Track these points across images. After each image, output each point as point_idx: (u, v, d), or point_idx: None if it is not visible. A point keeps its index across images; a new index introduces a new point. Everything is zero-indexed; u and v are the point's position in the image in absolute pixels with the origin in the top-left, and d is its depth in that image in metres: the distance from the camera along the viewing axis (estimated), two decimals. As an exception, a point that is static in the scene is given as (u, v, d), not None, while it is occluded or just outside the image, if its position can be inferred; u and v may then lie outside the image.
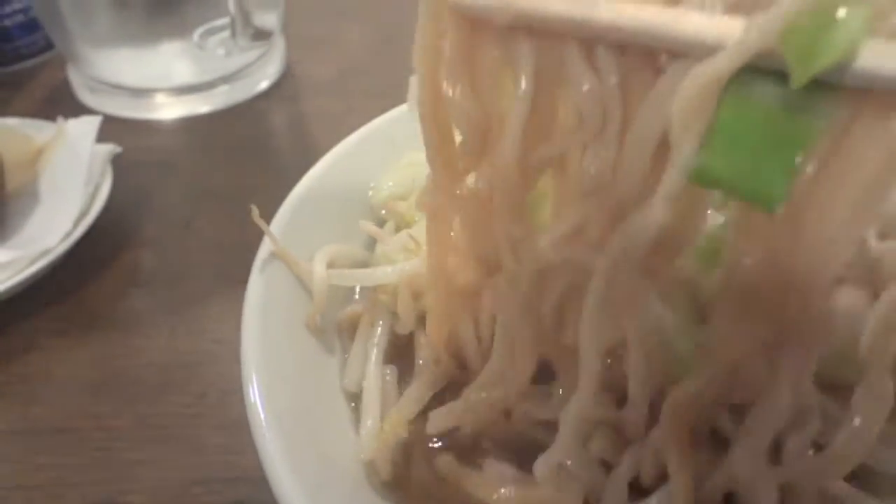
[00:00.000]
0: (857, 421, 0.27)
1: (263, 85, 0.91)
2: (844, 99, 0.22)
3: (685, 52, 0.24)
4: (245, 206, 0.73)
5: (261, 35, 0.80)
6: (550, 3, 0.27)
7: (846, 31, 0.21)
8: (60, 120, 0.72)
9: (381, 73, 0.93)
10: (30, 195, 0.68)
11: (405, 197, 0.49)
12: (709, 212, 0.32)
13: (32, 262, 0.61)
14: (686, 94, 0.23)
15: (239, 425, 0.37)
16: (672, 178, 0.24)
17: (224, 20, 0.79)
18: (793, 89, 0.22)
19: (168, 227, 0.71)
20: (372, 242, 0.49)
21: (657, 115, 0.25)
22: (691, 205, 0.27)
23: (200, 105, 0.86)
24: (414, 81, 0.32)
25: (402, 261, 0.42)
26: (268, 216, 0.49)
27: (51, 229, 0.63)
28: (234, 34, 0.77)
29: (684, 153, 0.24)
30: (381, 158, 0.52)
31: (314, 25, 1.05)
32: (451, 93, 0.30)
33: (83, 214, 0.65)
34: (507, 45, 0.28)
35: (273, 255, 0.43)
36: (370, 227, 0.48)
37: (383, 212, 0.51)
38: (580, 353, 0.30)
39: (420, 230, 0.41)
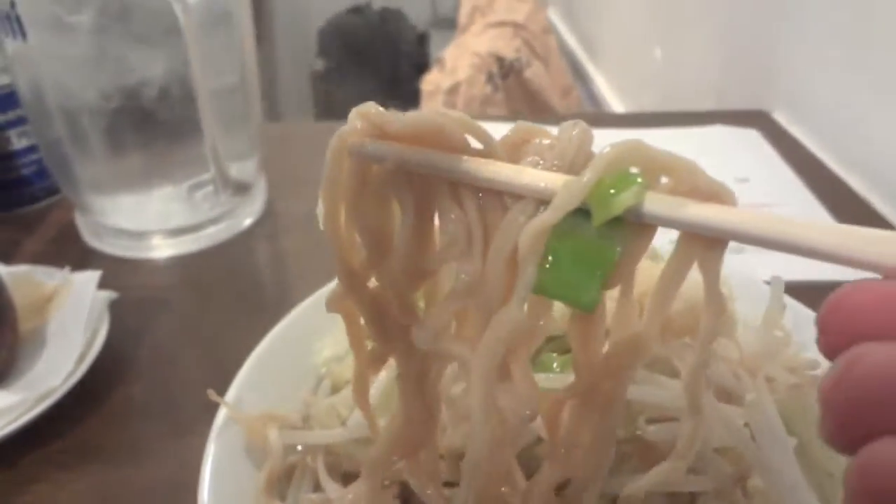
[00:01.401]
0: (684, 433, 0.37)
1: (247, 222, 1.03)
2: (634, 232, 0.33)
3: (523, 195, 0.35)
4: (227, 343, 0.84)
5: (241, 189, 0.92)
6: (427, 154, 0.37)
7: (628, 194, 0.32)
8: (67, 270, 0.83)
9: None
10: (38, 339, 0.78)
11: (341, 358, 0.60)
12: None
13: (40, 400, 0.70)
14: (526, 235, 0.34)
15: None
16: (519, 289, 0.35)
17: (209, 175, 0.91)
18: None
19: (159, 363, 0.81)
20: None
21: (508, 241, 0.35)
22: (539, 306, 0.37)
23: (191, 244, 0.98)
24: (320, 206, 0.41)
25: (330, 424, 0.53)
26: (244, 350, 0.61)
27: (55, 370, 0.73)
28: (216, 191, 0.89)
29: (527, 273, 0.34)
30: (323, 322, 0.62)
31: (292, 166, 1.18)
32: (352, 214, 0.39)
33: (83, 355, 0.75)
34: (394, 182, 0.38)
35: (228, 420, 0.53)
36: (304, 394, 0.58)
37: (323, 369, 0.61)
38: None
39: (344, 398, 0.52)
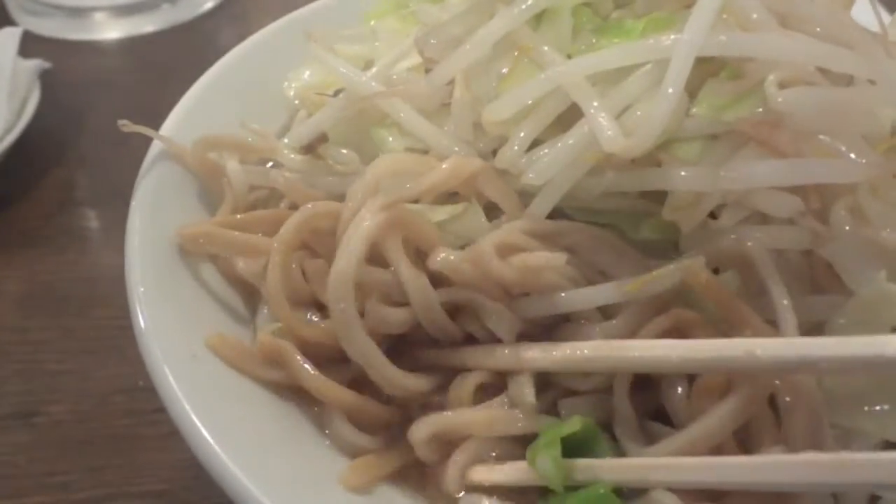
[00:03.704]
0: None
1: (209, 5, 0.89)
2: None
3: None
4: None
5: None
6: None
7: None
8: (-19, 33, 0.70)
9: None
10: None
11: (321, 87, 0.47)
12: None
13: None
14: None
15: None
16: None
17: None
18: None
19: (103, 145, 0.70)
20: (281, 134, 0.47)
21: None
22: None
23: (142, 25, 0.84)
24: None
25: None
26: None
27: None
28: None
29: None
30: (297, 50, 0.49)
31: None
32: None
33: (9, 129, 0.63)
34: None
35: (163, 155, 0.42)
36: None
37: (297, 101, 0.49)
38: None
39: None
